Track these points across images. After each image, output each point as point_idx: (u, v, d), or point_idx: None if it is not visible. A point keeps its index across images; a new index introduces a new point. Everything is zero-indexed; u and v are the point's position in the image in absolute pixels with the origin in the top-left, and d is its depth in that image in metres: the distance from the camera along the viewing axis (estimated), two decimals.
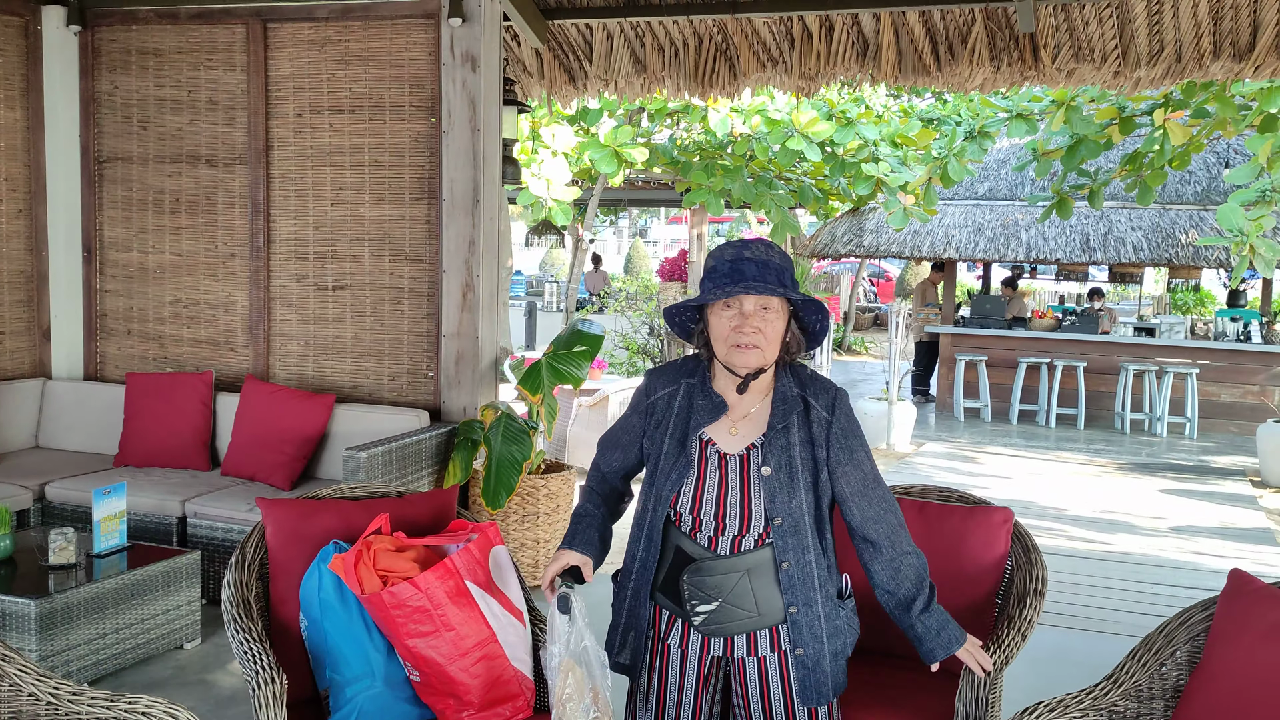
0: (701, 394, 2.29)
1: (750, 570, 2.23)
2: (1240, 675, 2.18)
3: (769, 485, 2.21)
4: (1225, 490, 8.77)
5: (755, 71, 5.67)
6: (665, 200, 16.90)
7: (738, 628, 2.27)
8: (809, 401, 2.27)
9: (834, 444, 2.25)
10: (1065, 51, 5.19)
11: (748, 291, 2.14)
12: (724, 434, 2.28)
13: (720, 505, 2.24)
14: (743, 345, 2.18)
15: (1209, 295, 20.51)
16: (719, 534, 2.25)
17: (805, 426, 2.26)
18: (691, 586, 2.25)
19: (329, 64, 5.23)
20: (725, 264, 2.19)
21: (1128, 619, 5.45)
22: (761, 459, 2.23)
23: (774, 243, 2.26)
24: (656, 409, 2.35)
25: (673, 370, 2.38)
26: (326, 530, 2.63)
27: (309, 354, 5.39)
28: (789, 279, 2.20)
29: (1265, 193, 6.60)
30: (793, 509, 2.22)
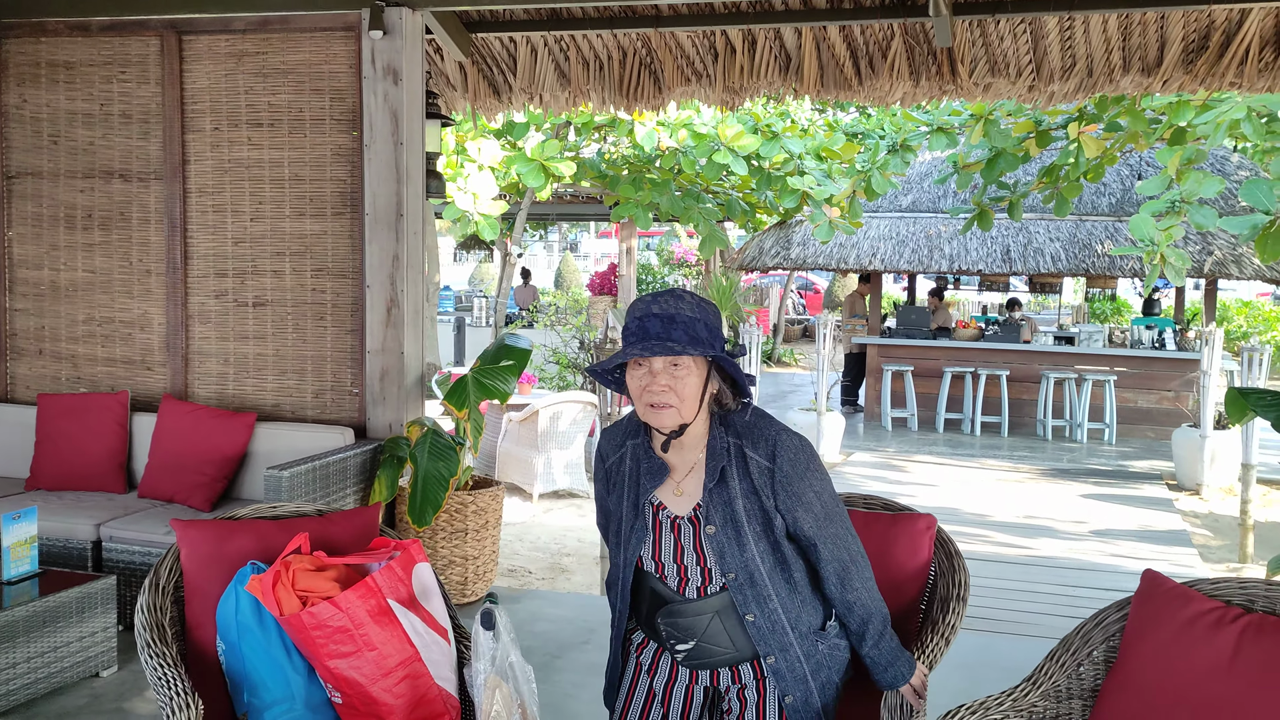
0: (645, 456, 2.28)
1: (719, 612, 2.23)
2: (1154, 672, 2.23)
3: (716, 543, 2.20)
4: (1143, 494, 9.01)
5: (679, 85, 5.71)
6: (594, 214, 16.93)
7: (717, 662, 2.28)
8: (746, 452, 2.22)
9: (780, 492, 2.21)
10: (981, 66, 5.30)
11: (645, 353, 2.09)
12: (670, 496, 2.27)
13: (679, 563, 2.25)
14: (655, 405, 2.16)
15: (1125, 304, 21.08)
16: (683, 585, 2.26)
17: (746, 478, 2.21)
18: (668, 627, 2.26)
19: (247, 77, 5.14)
20: (634, 322, 2.15)
21: (1051, 621, 5.56)
22: (706, 518, 2.21)
23: (690, 294, 2.19)
24: (612, 474, 2.36)
25: (619, 432, 2.37)
26: (243, 551, 2.57)
27: (229, 372, 5.27)
28: (704, 329, 2.14)
29: (1175, 203, 6.80)
30: (745, 562, 2.20)
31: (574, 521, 7.97)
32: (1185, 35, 4.93)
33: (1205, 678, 2.15)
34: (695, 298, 2.18)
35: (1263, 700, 2.07)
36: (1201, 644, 2.18)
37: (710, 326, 2.16)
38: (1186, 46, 4.97)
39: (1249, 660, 2.11)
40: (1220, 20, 4.83)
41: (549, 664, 4.40)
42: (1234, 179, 11.25)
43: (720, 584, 2.23)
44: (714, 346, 2.15)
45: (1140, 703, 2.22)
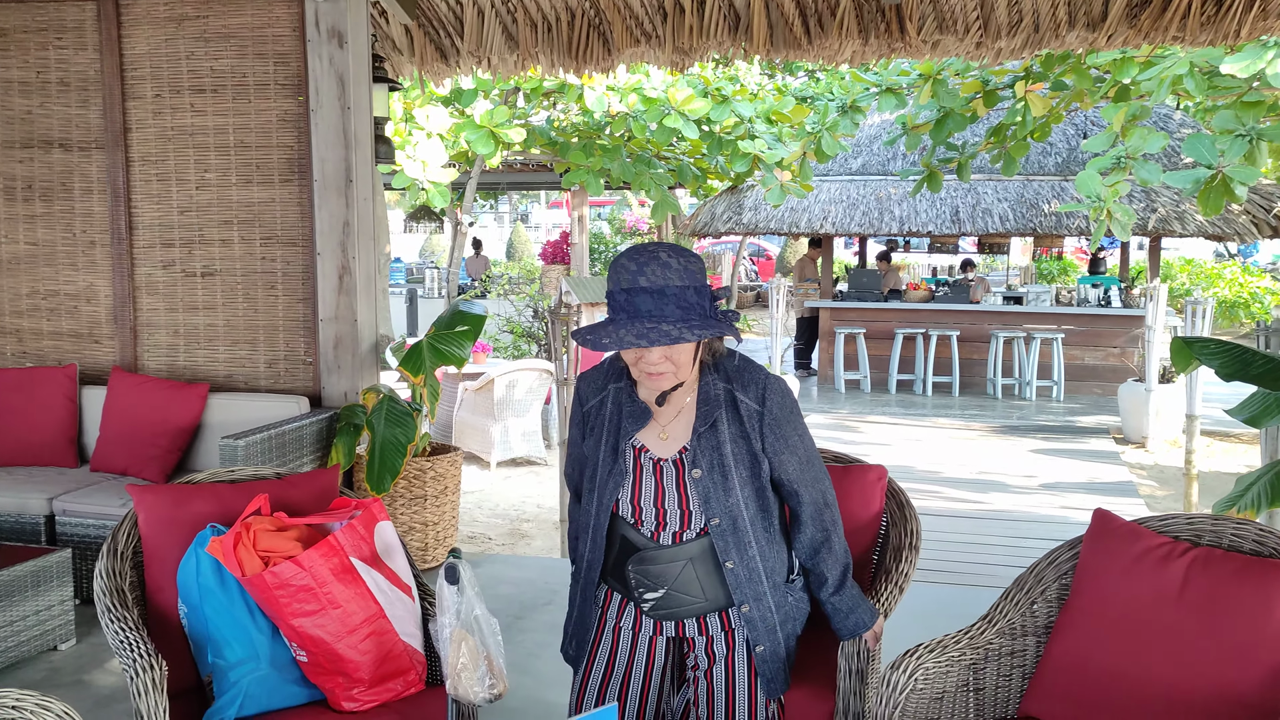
0: (628, 400, 2.26)
1: (693, 559, 2.23)
2: (1106, 606, 2.29)
3: (702, 487, 2.19)
4: (1091, 448, 9.19)
5: (629, 46, 5.67)
6: (545, 183, 16.82)
7: (686, 612, 2.28)
8: (736, 396, 2.22)
9: (768, 434, 2.22)
10: (930, 23, 5.32)
11: (642, 343, 2.02)
12: (654, 439, 2.26)
13: (659, 507, 2.23)
14: (651, 374, 2.14)
15: (1071, 264, 21.39)
16: (660, 529, 2.25)
17: (736, 421, 2.21)
18: (638, 575, 2.25)
19: (187, 42, 5.04)
20: (621, 295, 2.07)
21: (1003, 571, 5.67)
22: (693, 462, 2.20)
23: (675, 249, 2.11)
24: (590, 417, 2.33)
25: (599, 375, 2.34)
26: (202, 515, 2.55)
27: (179, 343, 5.20)
28: (694, 294, 2.08)
29: (1120, 160, 6.89)
30: (730, 507, 2.20)
31: (533, 488, 7.98)
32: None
33: (1155, 609, 2.21)
34: (679, 259, 2.08)
35: (1209, 628, 2.14)
36: (1151, 577, 2.24)
37: (699, 288, 2.10)
38: (1130, 1, 5.03)
39: (1196, 591, 2.18)
40: None
41: (513, 625, 4.42)
42: (1177, 136, 11.43)
43: (698, 529, 2.23)
44: (704, 310, 2.10)
45: (1093, 635, 2.28)
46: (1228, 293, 16.76)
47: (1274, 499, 3.69)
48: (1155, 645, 2.18)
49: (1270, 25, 4.88)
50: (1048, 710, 2.32)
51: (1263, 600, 2.08)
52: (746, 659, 2.32)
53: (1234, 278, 17.23)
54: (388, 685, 2.44)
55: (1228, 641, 2.09)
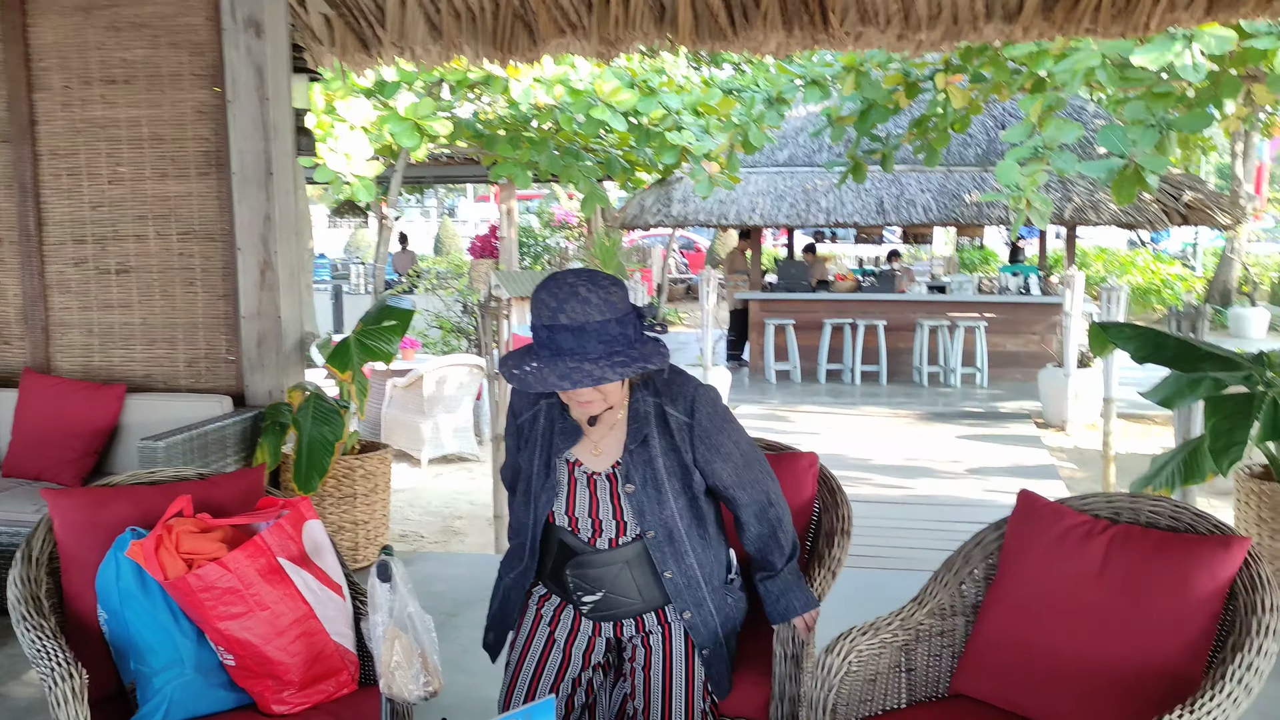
0: (560, 418, 2.27)
1: (629, 562, 2.26)
2: (1030, 584, 2.34)
3: (635, 501, 2.22)
4: (1013, 432, 9.39)
5: (554, 37, 5.63)
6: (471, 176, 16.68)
7: (624, 613, 2.31)
8: (666, 410, 2.23)
9: (698, 445, 2.24)
10: (852, 15, 5.37)
11: (566, 385, 2.01)
12: (588, 454, 2.28)
13: (594, 517, 2.27)
14: (579, 402, 2.16)
15: (992, 253, 21.82)
16: (597, 536, 2.27)
17: (666, 435, 2.23)
18: (576, 579, 2.28)
19: (97, 31, 4.88)
20: (543, 331, 2.07)
21: (932, 555, 5.75)
22: (626, 477, 2.23)
23: (593, 281, 2.08)
24: (523, 430, 2.35)
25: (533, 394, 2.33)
26: (121, 518, 2.48)
27: (94, 343, 5.05)
28: (615, 326, 2.06)
29: (1037, 150, 7.04)
30: (664, 519, 2.24)
31: (465, 485, 7.92)
32: None
33: (1078, 585, 2.26)
34: (598, 292, 2.06)
35: (1130, 602, 2.20)
36: (1073, 555, 2.30)
37: (620, 319, 2.08)
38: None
39: (1116, 567, 2.24)
40: None
41: (447, 622, 4.38)
42: (1091, 127, 11.71)
43: (634, 535, 2.26)
44: (628, 341, 2.08)
45: (1019, 613, 2.33)
46: (1141, 279, 17.25)
47: (1187, 477, 3.81)
48: (1078, 620, 2.23)
49: (1178, 17, 5.01)
50: (976, 687, 2.36)
51: (1180, 573, 2.14)
52: (684, 652, 2.34)
53: (1146, 265, 17.74)
54: (319, 686, 2.40)
55: (1147, 614, 2.15)
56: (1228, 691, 1.95)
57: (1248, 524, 4.05)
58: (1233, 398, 3.61)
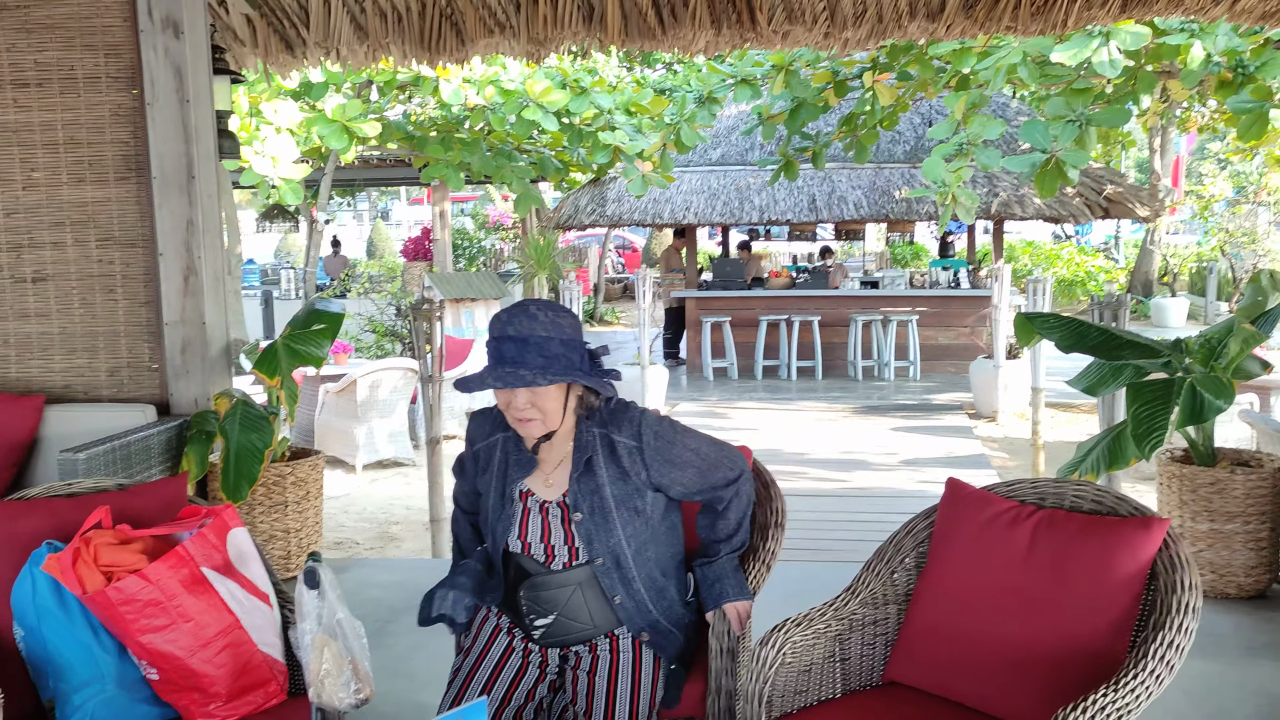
0: (515, 449, 2.38)
1: (581, 584, 2.33)
2: (959, 570, 2.37)
3: (584, 530, 2.30)
4: (946, 424, 9.54)
5: (482, 36, 5.59)
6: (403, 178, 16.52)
7: (576, 638, 2.36)
8: (612, 438, 2.32)
9: (652, 465, 2.32)
10: (779, 14, 5.41)
11: (499, 385, 2.18)
12: (540, 485, 2.37)
13: (546, 543, 2.35)
14: (520, 420, 2.26)
15: (923, 249, 22.15)
16: (550, 560, 2.34)
17: (614, 463, 2.31)
18: (529, 600, 2.33)
19: (8, 33, 4.74)
20: (491, 343, 2.25)
21: (867, 546, 5.77)
22: (574, 505, 2.31)
23: (548, 305, 2.27)
24: (480, 457, 2.46)
25: (488, 421, 2.46)
26: (36, 531, 2.40)
27: (10, 354, 4.89)
28: (558, 345, 2.21)
29: (962, 146, 7.16)
30: (612, 546, 2.31)
31: (401, 490, 7.84)
32: None
33: (1005, 570, 2.30)
34: (549, 313, 2.24)
35: (1056, 585, 2.24)
36: (1000, 540, 2.33)
37: (565, 340, 2.23)
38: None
39: (1042, 550, 2.28)
40: None
41: (383, 629, 4.32)
42: (1014, 123, 11.93)
43: (585, 559, 2.33)
44: (569, 362, 2.22)
45: (949, 600, 2.36)
46: (1065, 272, 17.62)
47: (1112, 462, 3.90)
48: (1007, 605, 2.27)
49: (1094, 15, 5.12)
50: (910, 675, 2.39)
51: (1103, 556, 2.19)
52: (631, 663, 2.38)
53: (1070, 258, 18.13)
54: (247, 698, 2.35)
55: (1073, 596, 2.19)
56: (1150, 669, 2.00)
57: (1170, 507, 4.15)
58: (1153, 384, 3.70)
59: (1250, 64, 6.00)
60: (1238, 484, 3.96)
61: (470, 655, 2.44)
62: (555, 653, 2.41)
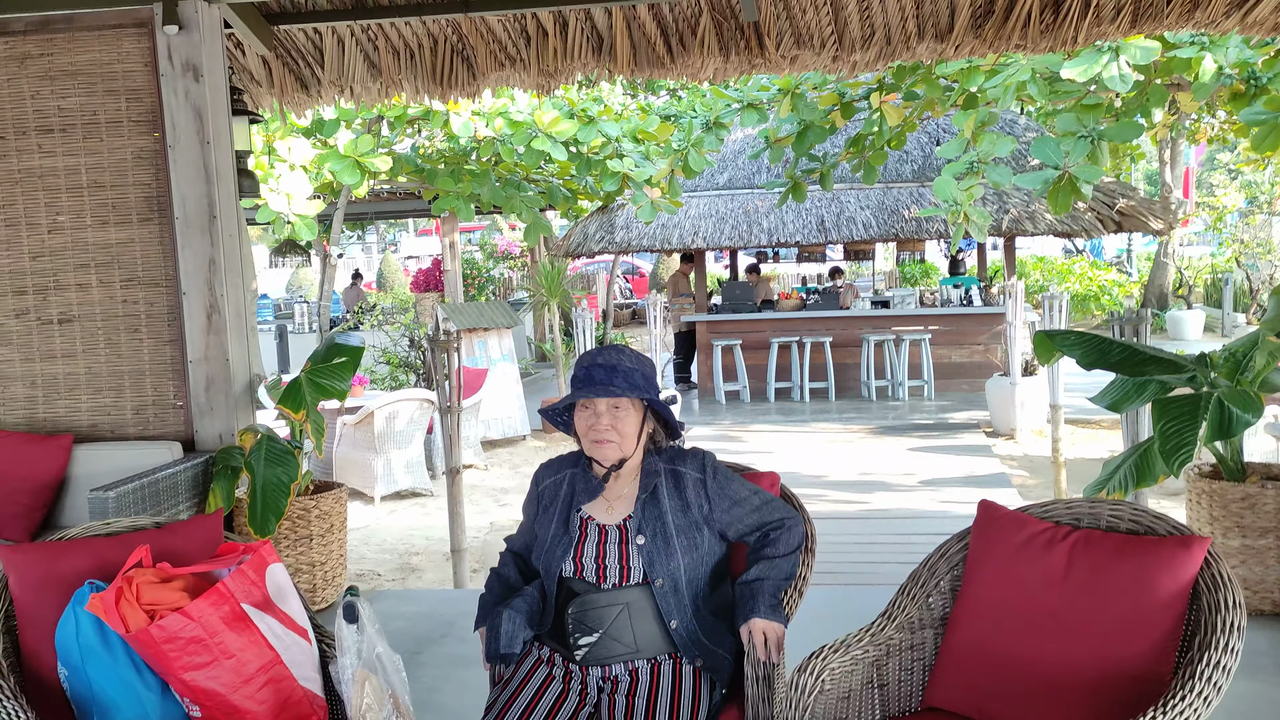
0: (582, 479, 2.56)
1: (630, 604, 2.41)
2: (996, 593, 2.37)
3: (646, 552, 2.42)
4: (964, 443, 9.51)
5: (494, 71, 5.65)
6: (413, 210, 16.61)
7: (617, 659, 2.41)
8: (679, 471, 2.52)
9: (715, 497, 2.50)
10: (788, 39, 5.46)
11: (590, 395, 2.44)
12: (601, 511, 2.52)
13: (600, 563, 2.46)
14: (599, 441, 2.46)
15: (932, 267, 22.16)
16: (600, 580, 2.45)
17: (679, 494, 2.49)
18: (576, 619, 2.42)
19: (31, 81, 4.81)
20: (581, 370, 2.50)
21: (892, 569, 5.81)
22: (637, 529, 2.45)
23: (628, 349, 2.55)
24: (544, 496, 2.62)
25: (560, 462, 2.66)
26: (79, 571, 2.42)
27: (38, 395, 4.94)
28: (641, 379, 2.48)
29: (973, 164, 7.18)
30: (671, 570, 2.42)
31: (419, 520, 7.85)
32: (973, 1, 5.20)
33: (1043, 592, 2.30)
34: (633, 352, 2.55)
35: (1095, 606, 2.23)
36: (1037, 562, 2.33)
37: (646, 376, 2.51)
38: (975, 12, 5.24)
39: (1080, 572, 2.27)
40: None
41: (410, 660, 4.32)
42: (1023, 140, 11.96)
43: (637, 580, 2.42)
44: (648, 392, 2.48)
45: (986, 623, 2.35)
46: (1078, 287, 17.61)
47: (1140, 479, 3.89)
48: (1045, 627, 2.26)
49: (1105, 30, 5.15)
50: (950, 700, 2.38)
51: (1142, 576, 2.18)
52: (671, 687, 2.39)
53: (1083, 272, 18.11)
54: None
55: (1113, 618, 2.19)
56: (1198, 691, 1.99)
57: (1200, 523, 4.14)
58: (1180, 399, 3.69)
59: (1263, 75, 6.01)
60: (1269, 498, 3.95)
61: (509, 686, 2.44)
62: (595, 677, 2.42)
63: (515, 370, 10.88)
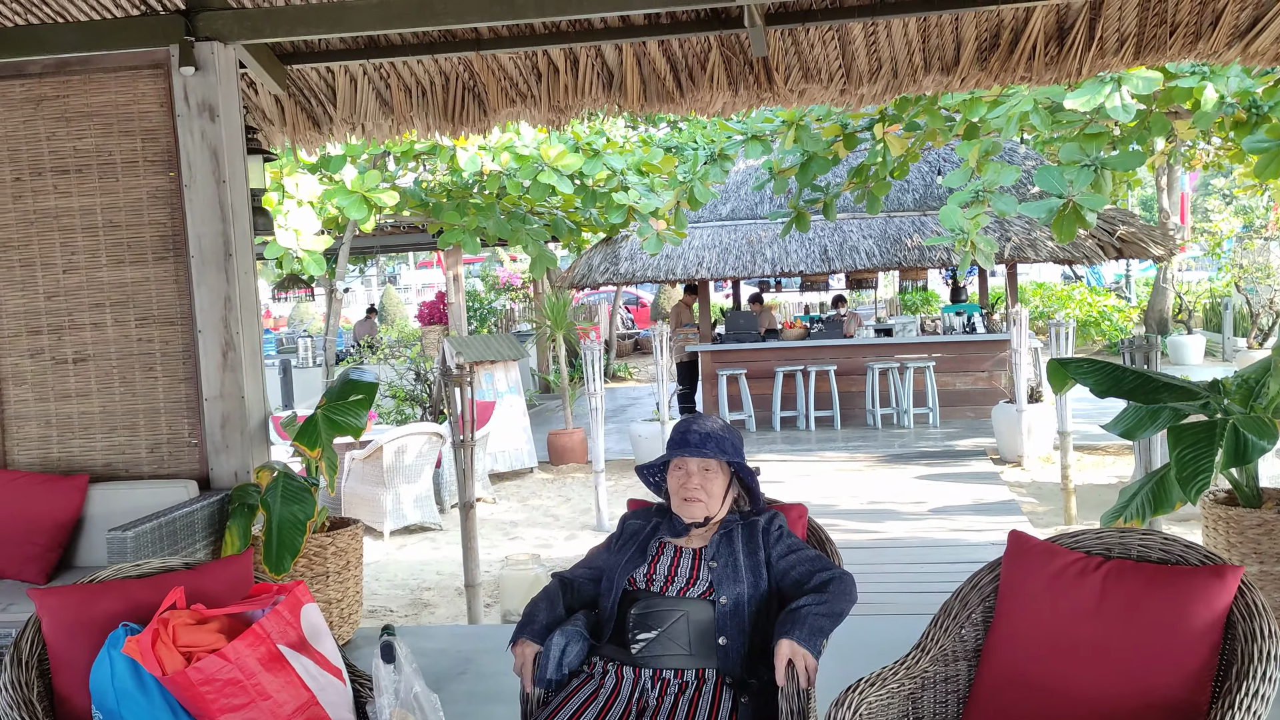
0: (668, 524, 2.77)
1: (689, 613, 2.55)
2: (1029, 624, 2.38)
3: (716, 573, 2.60)
4: (971, 470, 9.51)
5: (505, 106, 5.70)
6: (417, 244, 16.68)
7: (670, 662, 2.51)
8: (753, 521, 2.74)
9: (776, 545, 2.69)
10: (796, 73, 5.52)
11: (689, 454, 2.67)
12: (680, 541, 2.73)
13: (670, 574, 2.64)
14: (688, 499, 2.67)
15: (933, 295, 22.23)
16: (666, 588, 2.61)
17: (750, 539, 2.68)
18: (636, 617, 2.58)
19: (47, 122, 4.85)
20: (678, 434, 2.74)
21: (906, 599, 5.80)
22: (712, 555, 2.64)
23: (721, 420, 2.80)
24: (626, 530, 2.82)
25: (648, 512, 2.87)
26: (112, 614, 2.42)
27: (52, 434, 4.95)
28: (731, 447, 2.73)
29: (978, 193, 7.24)
30: (736, 594, 2.57)
31: (430, 555, 7.83)
32: (979, 35, 5.26)
33: (1076, 622, 2.30)
34: (724, 423, 2.80)
35: (1130, 637, 2.24)
36: (1070, 593, 2.34)
37: (735, 446, 2.76)
38: (980, 45, 5.31)
39: (1114, 602, 2.28)
40: (1008, 19, 5.18)
41: None
42: (1023, 169, 12.05)
43: (700, 593, 2.57)
44: (737, 458, 2.72)
45: (1020, 654, 2.36)
46: (1079, 313, 17.66)
47: (1156, 507, 3.90)
48: (1080, 658, 2.27)
49: (1109, 62, 5.21)
50: None
51: (1177, 606, 2.19)
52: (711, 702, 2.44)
53: (1083, 298, 18.17)
54: None
55: (1148, 648, 2.19)
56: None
57: (1218, 550, 4.14)
58: (1195, 426, 3.71)
59: (1264, 104, 6.08)
60: None
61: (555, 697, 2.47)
62: (646, 677, 2.48)
63: (522, 402, 10.89)
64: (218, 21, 4.75)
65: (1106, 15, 5.06)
